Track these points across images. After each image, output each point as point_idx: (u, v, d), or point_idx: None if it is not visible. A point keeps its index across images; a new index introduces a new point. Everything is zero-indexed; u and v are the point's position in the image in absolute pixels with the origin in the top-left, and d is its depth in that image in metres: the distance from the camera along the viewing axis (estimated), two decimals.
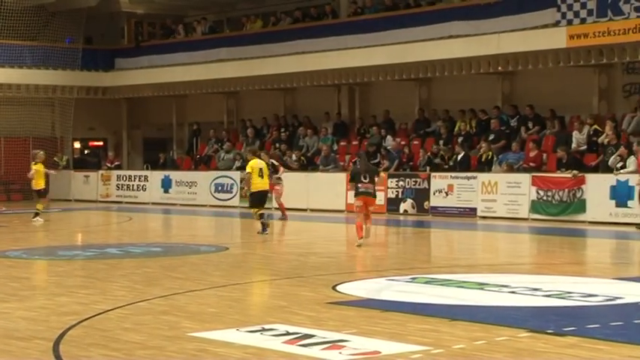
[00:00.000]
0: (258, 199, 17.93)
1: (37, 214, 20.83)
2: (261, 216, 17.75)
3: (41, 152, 22.08)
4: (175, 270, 12.53)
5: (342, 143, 26.35)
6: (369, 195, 15.48)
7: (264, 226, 17.55)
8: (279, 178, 21.16)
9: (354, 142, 26.18)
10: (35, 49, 30.36)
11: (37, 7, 29.86)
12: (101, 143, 34.12)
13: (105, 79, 31.67)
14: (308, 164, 25.87)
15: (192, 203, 26.99)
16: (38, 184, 21.17)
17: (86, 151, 33.99)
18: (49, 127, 31.94)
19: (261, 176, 17.79)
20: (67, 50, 30.91)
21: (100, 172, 30.26)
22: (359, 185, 15.45)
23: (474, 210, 21.53)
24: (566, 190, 19.98)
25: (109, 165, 30.58)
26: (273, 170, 20.39)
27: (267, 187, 18.17)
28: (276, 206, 22.11)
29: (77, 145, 33.54)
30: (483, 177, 21.52)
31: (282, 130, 27.89)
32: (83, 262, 13.83)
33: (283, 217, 21.33)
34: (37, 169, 21.23)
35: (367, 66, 24.89)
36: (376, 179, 15.76)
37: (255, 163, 17.89)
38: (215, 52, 28.57)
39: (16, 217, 23.58)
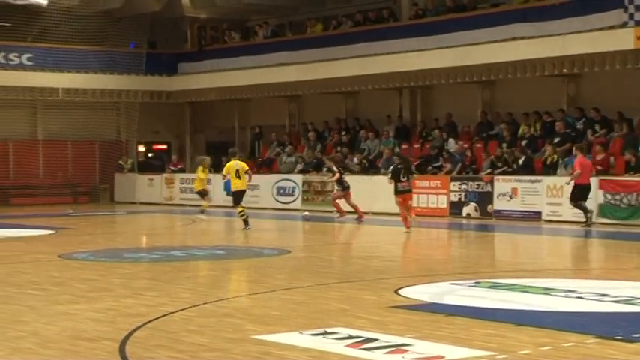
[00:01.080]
0: (237, 198, 19.56)
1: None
2: (242, 213, 19.39)
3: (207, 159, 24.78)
4: (238, 273, 12.61)
5: (403, 146, 26.24)
6: (408, 192, 18.66)
7: (246, 223, 19.27)
8: (340, 183, 21.75)
9: (416, 145, 26.06)
10: (101, 54, 30.89)
11: (103, 13, 30.38)
12: (165, 147, 34.52)
13: (168, 84, 32.06)
14: (370, 167, 25.82)
15: (254, 206, 27.12)
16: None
17: (150, 155, 34.43)
18: (114, 130, 32.45)
19: (238, 177, 19.34)
20: (132, 55, 31.38)
21: (164, 175, 30.61)
22: (399, 184, 18.31)
23: (539, 214, 21.24)
24: (635, 193, 19.60)
25: (172, 168, 30.92)
26: (332, 175, 21.69)
27: (244, 187, 19.77)
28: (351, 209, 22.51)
29: (142, 148, 34.01)
30: (548, 180, 21.23)
31: (344, 133, 27.89)
32: (148, 264, 14.00)
33: (359, 219, 21.80)
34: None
35: (429, 69, 24.75)
36: (411, 177, 18.91)
37: (232, 165, 19.51)
38: (277, 55, 28.70)
39: (83, 219, 23.98)
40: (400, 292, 10.56)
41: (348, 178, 23.50)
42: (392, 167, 19.42)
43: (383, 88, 26.88)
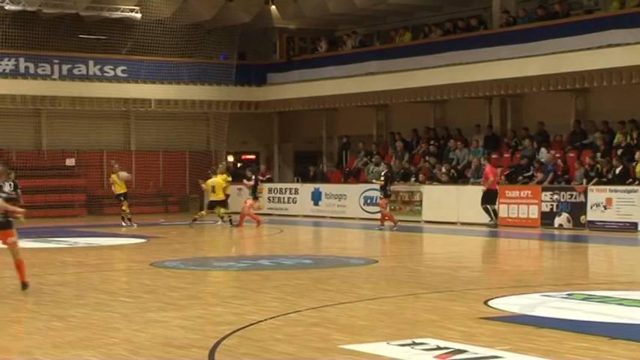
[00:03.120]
0: (211, 206, 25.08)
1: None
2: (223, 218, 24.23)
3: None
4: (325, 282, 12.61)
5: (493, 156, 25.88)
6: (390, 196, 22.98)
7: (223, 219, 24.05)
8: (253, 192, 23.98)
9: (506, 155, 25.68)
10: (192, 65, 31.40)
11: (194, 25, 30.89)
12: (253, 156, 34.85)
13: (257, 94, 32.38)
14: (458, 177, 25.56)
15: (341, 216, 27.15)
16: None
17: (239, 165, 34.80)
18: (204, 141, 32.93)
19: (214, 191, 24.43)
20: (222, 66, 31.80)
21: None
22: (388, 188, 22.62)
23: (635, 225, 20.66)
24: None
25: (261, 178, 31.16)
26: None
27: (219, 198, 24.54)
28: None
29: (231, 158, 34.40)
30: None
31: (432, 142, 27.69)
32: (237, 273, 14.12)
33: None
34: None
35: (520, 77, 24.38)
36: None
37: (211, 181, 24.35)
38: (365, 65, 28.70)
39: (173, 228, 24.37)
40: (489, 303, 10.39)
41: (435, 188, 23.34)
42: (385, 173, 23.09)
43: (472, 97, 26.59)
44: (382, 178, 22.92)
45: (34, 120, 30.39)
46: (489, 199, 22.77)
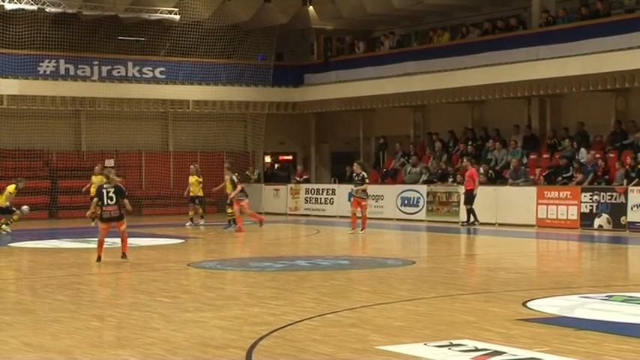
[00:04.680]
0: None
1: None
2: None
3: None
4: (362, 283, 12.59)
5: (532, 156, 25.69)
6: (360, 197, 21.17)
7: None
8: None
9: (545, 155, 25.47)
10: (230, 66, 31.54)
11: (232, 27, 31.02)
12: (290, 157, 34.90)
13: (294, 95, 32.43)
14: (497, 178, 25.39)
15: (378, 217, 27.09)
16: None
17: (276, 165, 34.88)
18: (241, 141, 33.05)
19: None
20: (260, 67, 31.90)
21: (290, 185, 30.95)
22: (353, 188, 21.28)
23: None
24: None
25: (297, 179, 31.22)
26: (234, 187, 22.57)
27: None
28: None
29: (268, 159, 34.49)
30: None
31: (470, 142, 27.54)
32: (274, 273, 14.15)
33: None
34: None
35: (559, 77, 24.17)
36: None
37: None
38: (402, 65, 28.62)
39: (210, 229, 24.49)
40: (528, 304, 10.30)
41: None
42: (364, 174, 21.52)
43: (511, 97, 26.40)
44: (367, 180, 21.55)
45: (73, 121, 30.71)
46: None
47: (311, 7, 31.77)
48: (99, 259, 15.34)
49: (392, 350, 7.82)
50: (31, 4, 26.93)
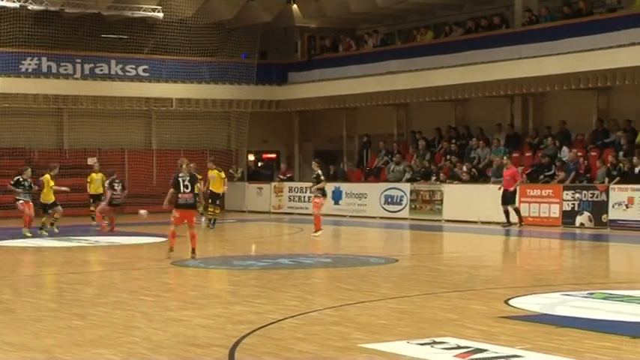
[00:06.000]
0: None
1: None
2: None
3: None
4: (345, 281, 12.60)
5: (514, 155, 25.78)
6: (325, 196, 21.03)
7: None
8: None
9: (527, 154, 25.56)
10: (213, 64, 31.47)
11: (215, 25, 30.97)
12: (274, 156, 34.89)
13: (278, 93, 32.41)
14: (479, 176, 25.48)
15: (362, 215, 27.14)
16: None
17: (260, 164, 34.84)
18: (225, 140, 33.01)
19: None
20: (243, 65, 31.86)
21: (273, 184, 30.93)
22: (319, 186, 20.60)
23: None
24: None
25: (281, 177, 31.21)
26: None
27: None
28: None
29: (251, 157, 34.45)
30: None
31: (453, 141, 27.61)
32: (257, 272, 14.15)
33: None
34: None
35: (542, 76, 24.26)
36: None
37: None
38: (386, 64, 28.65)
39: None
40: (510, 302, 10.35)
41: (456, 187, 23.19)
42: (319, 172, 21.04)
43: (494, 96, 26.49)
44: (323, 179, 20.94)
45: (56, 119, 30.58)
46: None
47: (295, 6, 31.76)
48: (171, 249, 15.67)
49: (375, 348, 7.83)
50: (13, 1, 26.78)
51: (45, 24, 28.54)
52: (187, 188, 15.53)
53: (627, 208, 21.10)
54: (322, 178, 20.95)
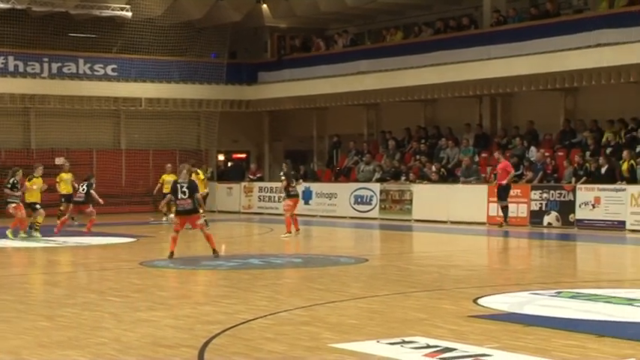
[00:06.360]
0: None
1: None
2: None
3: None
4: (315, 281, 12.61)
5: (483, 155, 25.96)
6: (297, 196, 20.81)
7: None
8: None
9: (496, 154, 25.70)
10: (183, 64, 31.36)
11: (184, 24, 30.85)
12: (244, 155, 34.83)
13: (248, 93, 32.36)
14: (448, 176, 25.61)
15: (332, 215, 27.18)
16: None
17: (229, 164, 34.77)
18: (194, 139, 32.89)
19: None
20: (213, 65, 31.78)
21: (243, 184, 30.88)
22: (290, 188, 20.44)
23: (623, 223, 20.75)
24: None
25: (251, 177, 31.17)
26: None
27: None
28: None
29: (221, 157, 34.36)
30: (633, 189, 20.72)
31: (423, 141, 27.71)
32: (226, 272, 14.11)
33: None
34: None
35: (510, 76, 24.44)
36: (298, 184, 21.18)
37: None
38: (355, 64, 28.71)
39: (163, 227, 24.33)
40: (479, 301, 10.41)
41: (425, 187, 23.28)
42: (284, 172, 21.21)
43: (462, 96, 26.63)
44: (283, 178, 20.99)
45: (23, 119, 30.30)
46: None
47: (264, 5, 31.73)
48: (171, 254, 15.47)
49: (345, 348, 7.85)
50: None
51: (12, 22, 28.26)
52: (185, 194, 15.42)
53: (594, 207, 21.31)
54: (282, 178, 21.00)
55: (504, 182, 22.26)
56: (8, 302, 10.94)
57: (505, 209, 22.33)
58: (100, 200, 21.95)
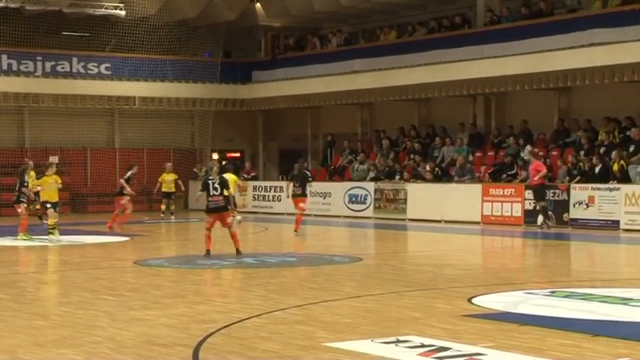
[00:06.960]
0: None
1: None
2: None
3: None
4: (309, 280, 12.62)
5: (477, 154, 25.99)
6: (301, 196, 20.52)
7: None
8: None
9: (490, 153, 25.77)
10: (177, 63, 31.33)
11: (179, 23, 30.82)
12: (238, 154, 34.81)
13: (242, 92, 32.34)
14: (442, 175, 25.63)
15: (326, 214, 27.17)
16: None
17: (224, 162, 34.71)
18: (188, 138, 32.87)
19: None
20: (207, 64, 31.76)
21: (237, 182, 30.79)
22: (294, 188, 20.43)
23: (617, 222, 20.79)
24: None
25: (245, 176, 31.13)
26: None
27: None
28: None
29: (215, 156, 34.34)
30: (627, 188, 20.76)
31: (417, 140, 27.73)
32: (221, 271, 14.11)
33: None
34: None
35: (504, 75, 24.47)
36: (307, 185, 20.77)
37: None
38: (349, 63, 28.72)
39: (157, 226, 24.33)
40: (473, 300, 10.43)
41: (420, 186, 23.30)
42: (292, 174, 21.23)
43: (457, 95, 26.66)
44: (310, 179, 21.39)
45: (16, 117, 30.23)
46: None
47: (258, 4, 31.72)
48: (207, 252, 15.48)
49: (339, 347, 7.85)
50: None
51: (5, 21, 28.21)
52: (217, 191, 15.46)
53: (588, 207, 21.34)
54: (310, 179, 21.38)
55: (535, 180, 21.24)
56: (3, 301, 10.92)
57: (543, 210, 21.40)
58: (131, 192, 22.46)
